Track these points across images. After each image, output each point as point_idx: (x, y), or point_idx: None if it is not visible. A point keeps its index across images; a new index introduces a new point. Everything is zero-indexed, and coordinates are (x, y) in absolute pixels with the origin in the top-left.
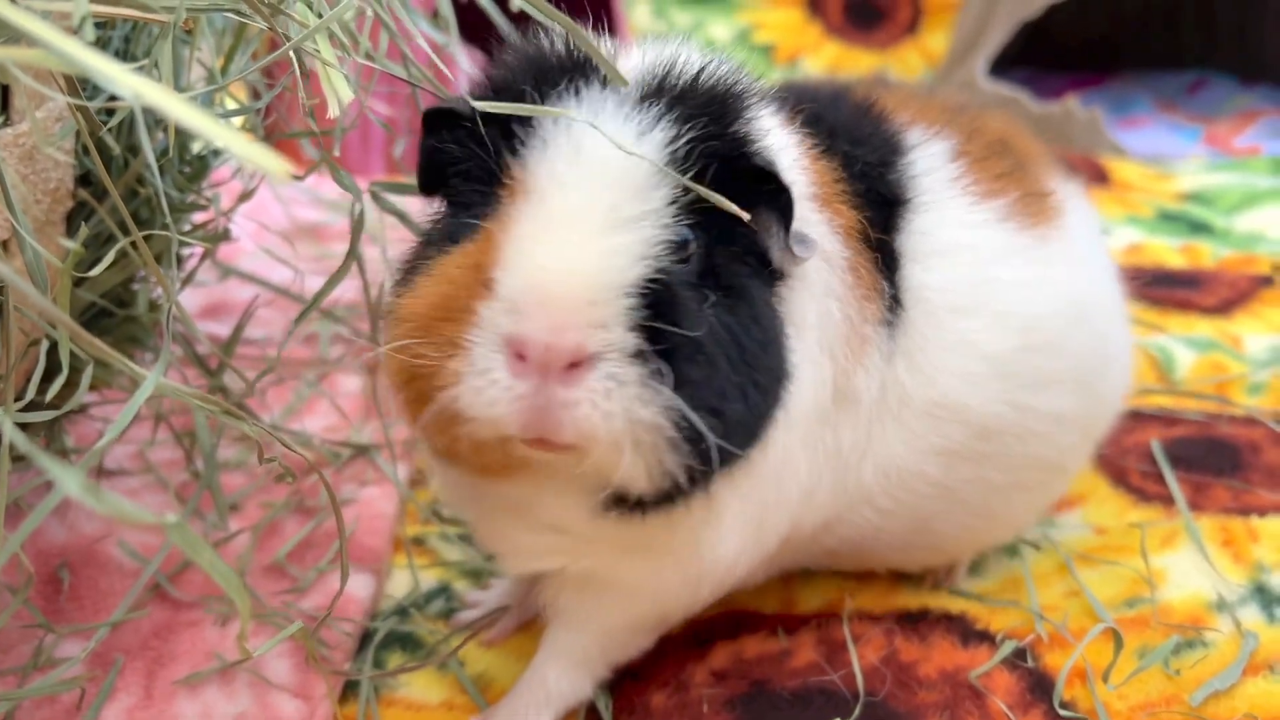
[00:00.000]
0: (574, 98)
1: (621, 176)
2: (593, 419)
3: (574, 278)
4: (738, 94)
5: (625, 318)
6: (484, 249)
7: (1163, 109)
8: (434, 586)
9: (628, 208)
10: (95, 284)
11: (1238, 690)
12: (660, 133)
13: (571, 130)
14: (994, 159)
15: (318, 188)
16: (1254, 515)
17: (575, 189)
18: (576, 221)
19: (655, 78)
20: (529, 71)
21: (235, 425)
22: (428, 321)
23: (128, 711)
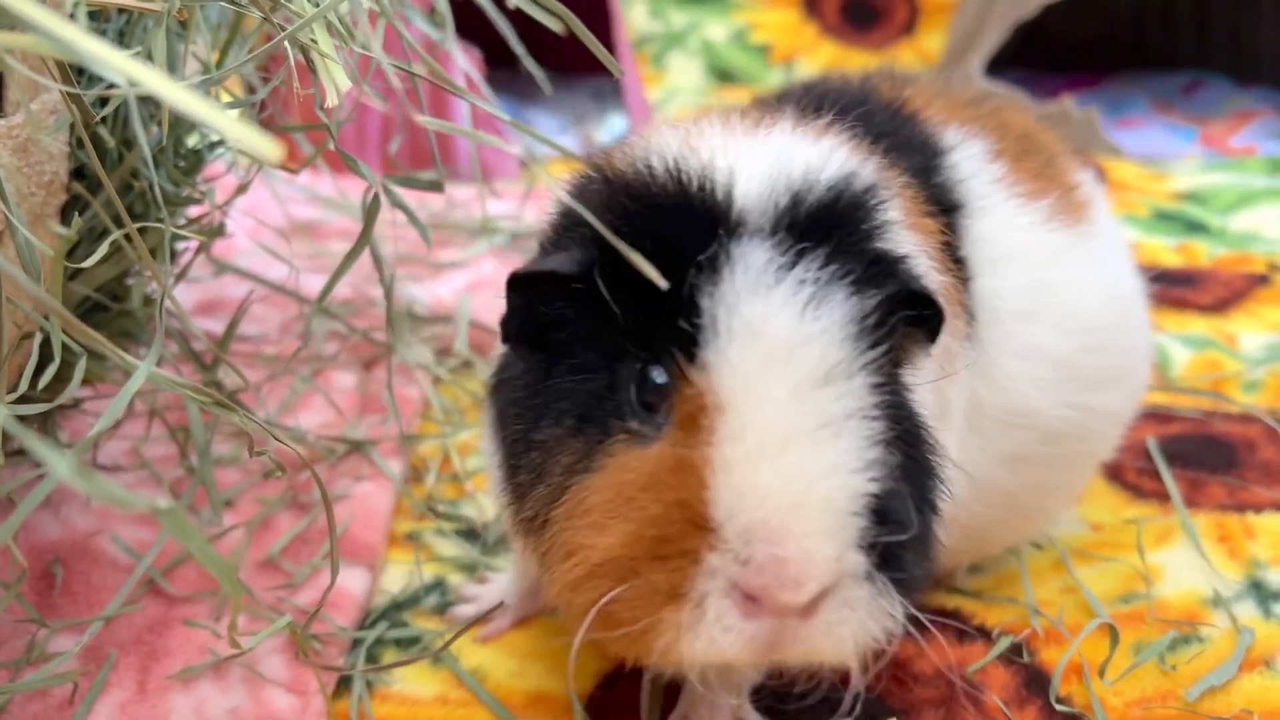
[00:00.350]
0: (726, 262)
1: (815, 363)
2: (825, 648)
3: (807, 514)
4: (876, 204)
5: (859, 539)
6: (683, 480)
7: (1159, 109)
8: (429, 581)
9: (837, 404)
10: (90, 278)
11: (1234, 686)
12: (841, 294)
13: (739, 308)
14: (1027, 156)
15: (314, 185)
16: (1250, 512)
17: (772, 392)
18: (789, 436)
19: (789, 210)
20: (656, 227)
21: (226, 416)
22: (626, 563)
23: (121, 706)
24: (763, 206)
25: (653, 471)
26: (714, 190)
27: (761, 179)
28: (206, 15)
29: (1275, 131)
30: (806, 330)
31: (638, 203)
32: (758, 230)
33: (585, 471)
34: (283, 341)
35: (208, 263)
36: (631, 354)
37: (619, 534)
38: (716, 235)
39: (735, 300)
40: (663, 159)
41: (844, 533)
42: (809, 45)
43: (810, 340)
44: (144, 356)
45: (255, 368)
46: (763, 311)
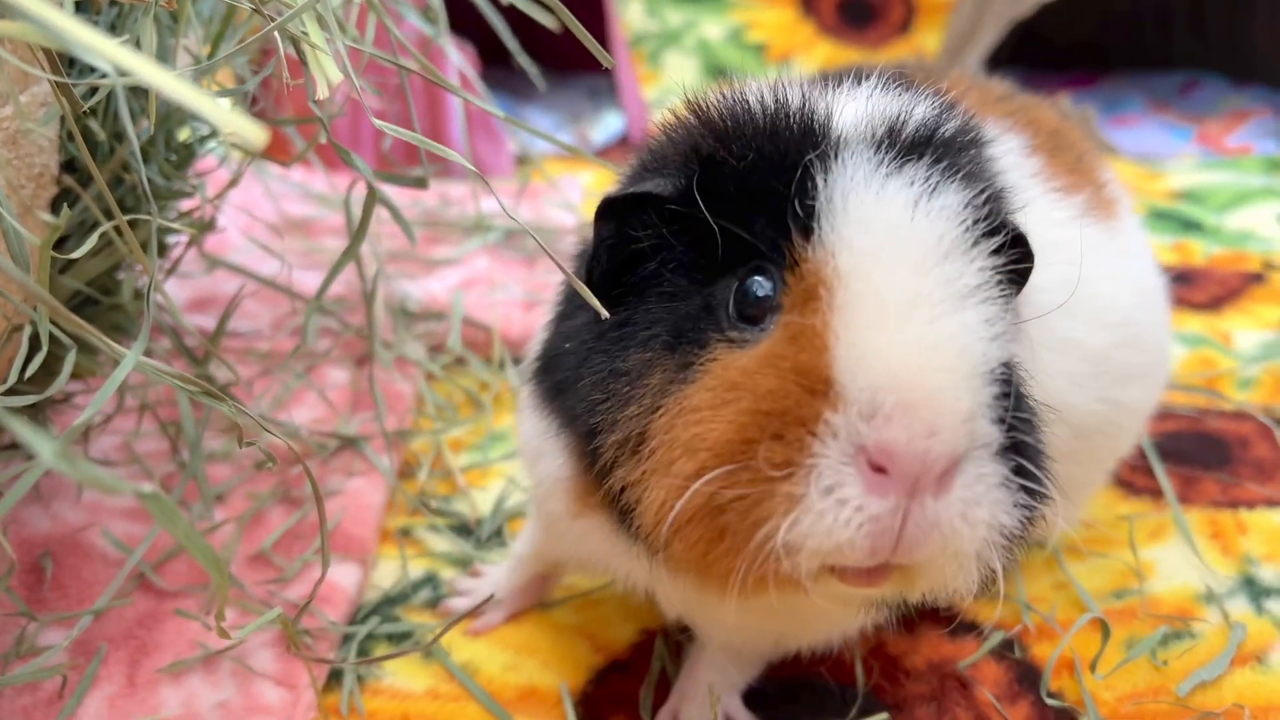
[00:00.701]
0: (835, 163)
1: (934, 241)
2: (960, 535)
3: (940, 368)
4: (972, 140)
5: (992, 408)
6: (803, 347)
7: (1155, 109)
8: (421, 576)
9: (960, 278)
10: (80, 271)
11: (1225, 681)
12: (951, 190)
13: (853, 196)
14: (1061, 152)
15: (307, 182)
16: (1243, 508)
17: (894, 264)
18: (915, 302)
19: (887, 135)
20: (759, 142)
21: (215, 406)
22: (739, 445)
23: (110, 700)
24: (862, 130)
25: (765, 352)
26: (814, 112)
27: (857, 112)
28: (199, 10)
29: (1271, 131)
30: (922, 212)
31: (737, 121)
32: (859, 145)
33: (684, 383)
34: (275, 338)
35: (200, 258)
36: (725, 273)
37: (731, 417)
38: (823, 141)
39: (848, 190)
40: (757, 93)
41: (978, 393)
42: (805, 44)
43: (926, 221)
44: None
45: (248, 363)
46: (876, 198)
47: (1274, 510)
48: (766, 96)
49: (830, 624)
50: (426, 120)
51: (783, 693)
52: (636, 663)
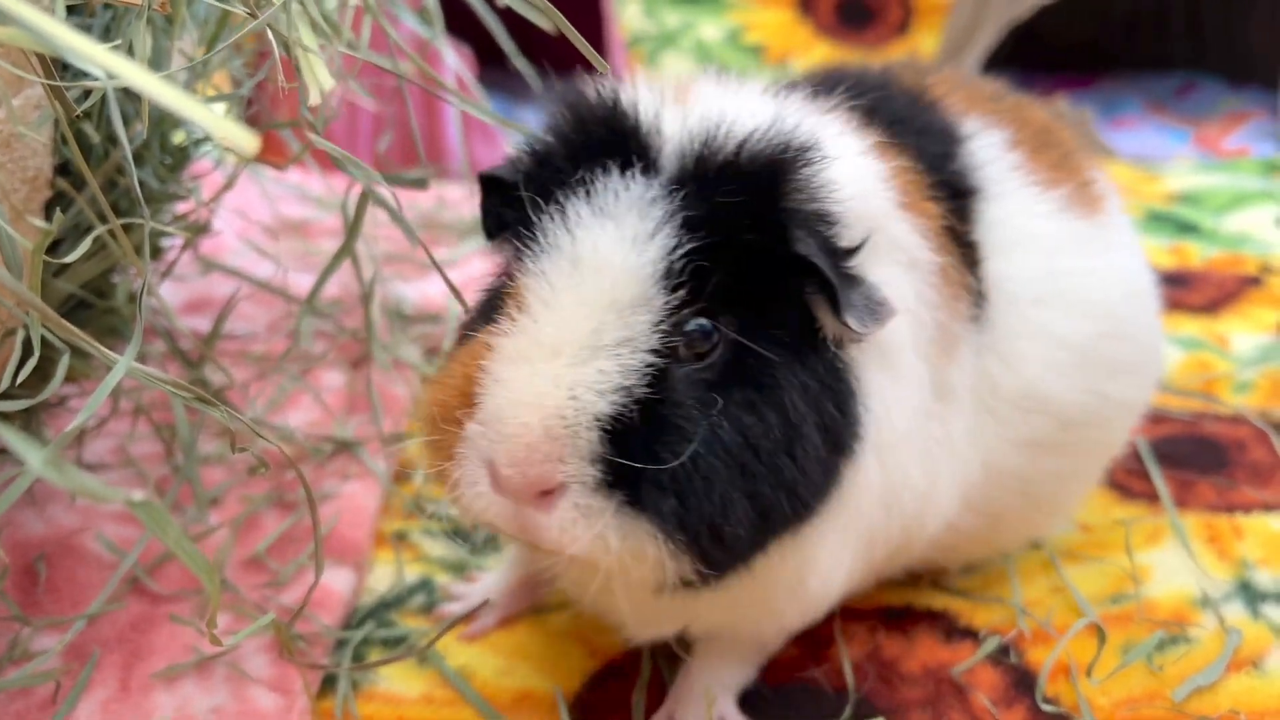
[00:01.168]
0: (588, 187)
1: (617, 292)
2: (565, 541)
3: (536, 412)
4: (788, 164)
5: (587, 452)
6: (475, 358)
7: (1152, 110)
8: (416, 581)
9: (611, 332)
10: (74, 275)
11: (1221, 686)
12: (667, 237)
13: (576, 235)
14: (1046, 148)
15: (304, 184)
16: (1239, 512)
17: (562, 310)
18: (555, 348)
19: (691, 155)
20: (563, 145)
21: (207, 411)
22: (433, 419)
23: (103, 704)
24: (663, 144)
25: (467, 348)
26: (627, 125)
27: (681, 119)
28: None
29: (1268, 133)
30: (619, 260)
31: (564, 121)
32: (646, 160)
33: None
34: (271, 340)
35: (195, 261)
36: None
37: (430, 394)
38: (598, 162)
39: (576, 220)
40: (607, 91)
41: (568, 440)
42: (803, 45)
43: (617, 267)
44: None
45: (243, 366)
46: (585, 235)
47: (1270, 515)
48: (599, 98)
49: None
50: (423, 122)
51: (778, 696)
52: (632, 667)
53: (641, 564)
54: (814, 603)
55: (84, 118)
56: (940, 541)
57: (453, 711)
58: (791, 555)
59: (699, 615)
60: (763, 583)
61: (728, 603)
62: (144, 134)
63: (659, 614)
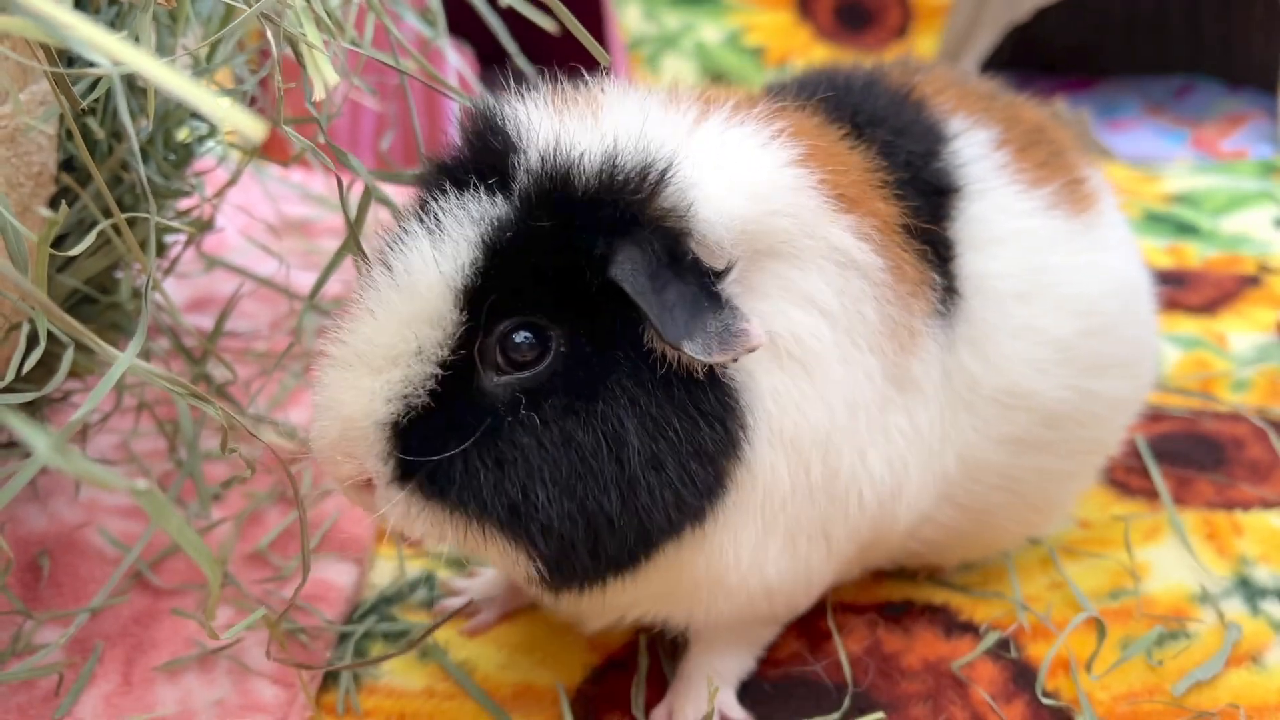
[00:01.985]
0: (425, 203)
1: (416, 306)
2: (392, 520)
3: (336, 416)
4: (623, 184)
5: (382, 450)
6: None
7: (1150, 112)
8: (417, 576)
9: (406, 344)
10: (78, 270)
11: (1220, 681)
12: (476, 253)
13: (398, 250)
14: (1034, 147)
15: (307, 183)
16: (1238, 509)
17: (373, 321)
18: (358, 358)
19: (533, 174)
20: (437, 161)
21: (204, 409)
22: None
23: (106, 698)
24: (524, 162)
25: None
26: (493, 134)
27: (543, 136)
28: (198, 10)
29: (1266, 135)
30: (420, 274)
31: (462, 128)
32: (502, 178)
33: None
34: (274, 338)
35: (199, 258)
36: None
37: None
38: (453, 175)
39: (405, 235)
40: (493, 106)
41: (358, 440)
42: (803, 47)
43: (420, 284)
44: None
45: (246, 364)
46: (404, 250)
47: (1269, 511)
48: (480, 113)
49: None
50: (425, 122)
51: (778, 690)
52: (633, 661)
53: (449, 541)
54: (752, 592)
55: (89, 113)
56: (929, 538)
57: (454, 705)
58: (697, 550)
59: (633, 605)
60: (677, 575)
61: (651, 595)
62: (149, 129)
63: (594, 605)
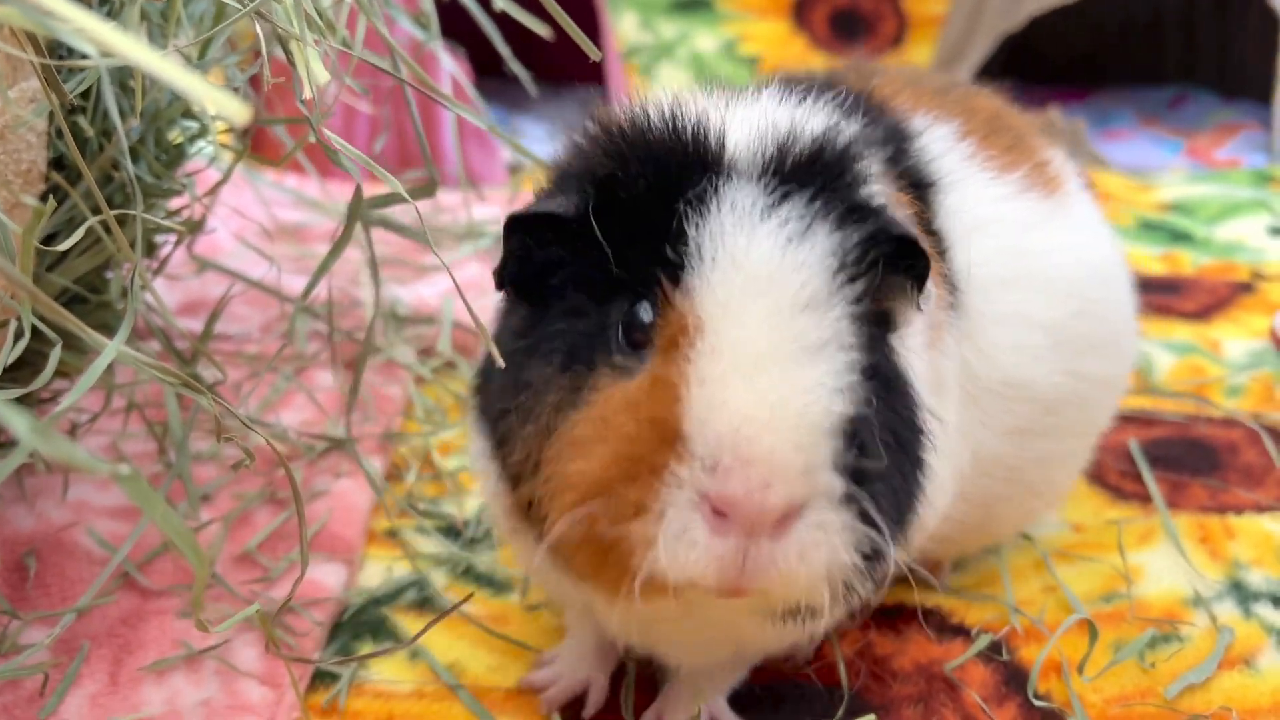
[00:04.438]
0: (715, 199)
1: (795, 291)
2: (797, 572)
3: (778, 425)
4: (857, 157)
5: (832, 460)
6: (659, 397)
7: (1145, 122)
8: (408, 578)
9: (815, 331)
10: (68, 269)
11: (1213, 684)
12: (823, 232)
13: (724, 240)
14: (996, 134)
15: (300, 188)
16: (1231, 514)
17: (752, 316)
18: (766, 356)
19: (776, 158)
20: (650, 169)
21: (195, 398)
22: (605, 485)
23: (92, 698)
24: (751, 154)
25: (630, 395)
26: (707, 135)
27: (750, 129)
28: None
29: (1259, 145)
30: (789, 260)
31: (632, 145)
32: (746, 174)
33: (573, 408)
34: (265, 341)
35: (190, 260)
36: (621, 294)
37: (597, 457)
38: (706, 174)
39: (720, 232)
40: (659, 109)
41: (817, 448)
42: (798, 57)
43: (791, 269)
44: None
45: (237, 366)
46: (746, 242)
47: (1262, 516)
48: (662, 115)
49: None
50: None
51: (769, 695)
52: (622, 666)
53: (833, 585)
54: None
55: (79, 110)
56: (935, 532)
57: (443, 707)
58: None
59: (750, 639)
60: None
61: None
62: (139, 129)
63: (714, 642)
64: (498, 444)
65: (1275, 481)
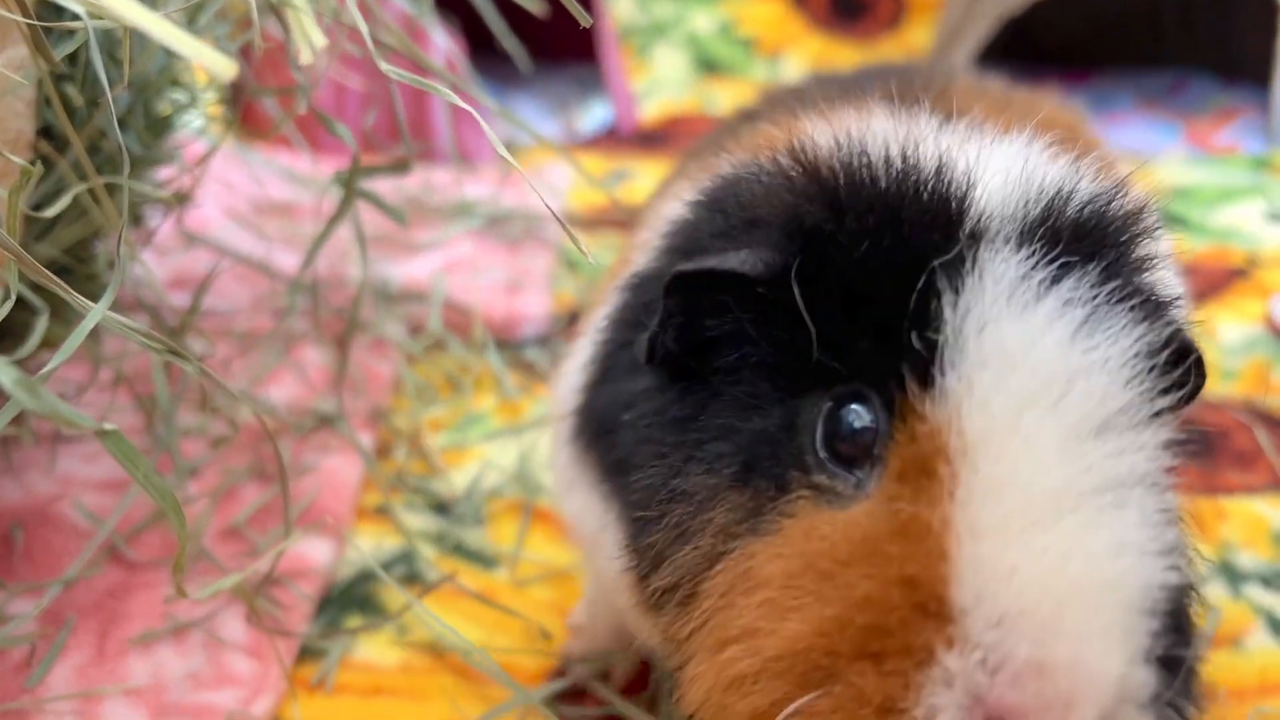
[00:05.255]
0: (974, 270)
1: (1094, 406)
2: None
3: (1088, 610)
4: (1145, 230)
5: (1149, 649)
6: (910, 549)
7: (1143, 106)
8: (396, 553)
9: (1120, 463)
10: (56, 239)
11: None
12: (1123, 322)
13: (992, 328)
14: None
15: (291, 165)
16: (1222, 495)
17: (1041, 443)
18: (1061, 504)
19: (1044, 218)
20: (878, 222)
21: (181, 365)
22: (828, 660)
23: (79, 669)
24: (1011, 212)
25: (861, 539)
26: (952, 184)
27: (1008, 181)
28: None
29: (1258, 130)
30: (1083, 360)
31: (854, 189)
32: (1005, 239)
33: (753, 534)
34: (253, 317)
35: (179, 234)
36: (822, 386)
37: (812, 619)
38: (956, 237)
39: (986, 315)
40: (884, 146)
41: (1134, 637)
42: (796, 38)
43: (1088, 373)
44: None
45: (226, 342)
46: (1025, 332)
47: (1253, 498)
48: (892, 149)
49: None
50: (410, 104)
51: None
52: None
53: None
54: None
55: (66, 78)
56: None
57: (430, 680)
58: None
59: None
60: None
61: None
62: (128, 99)
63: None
64: (633, 555)
65: (1267, 465)
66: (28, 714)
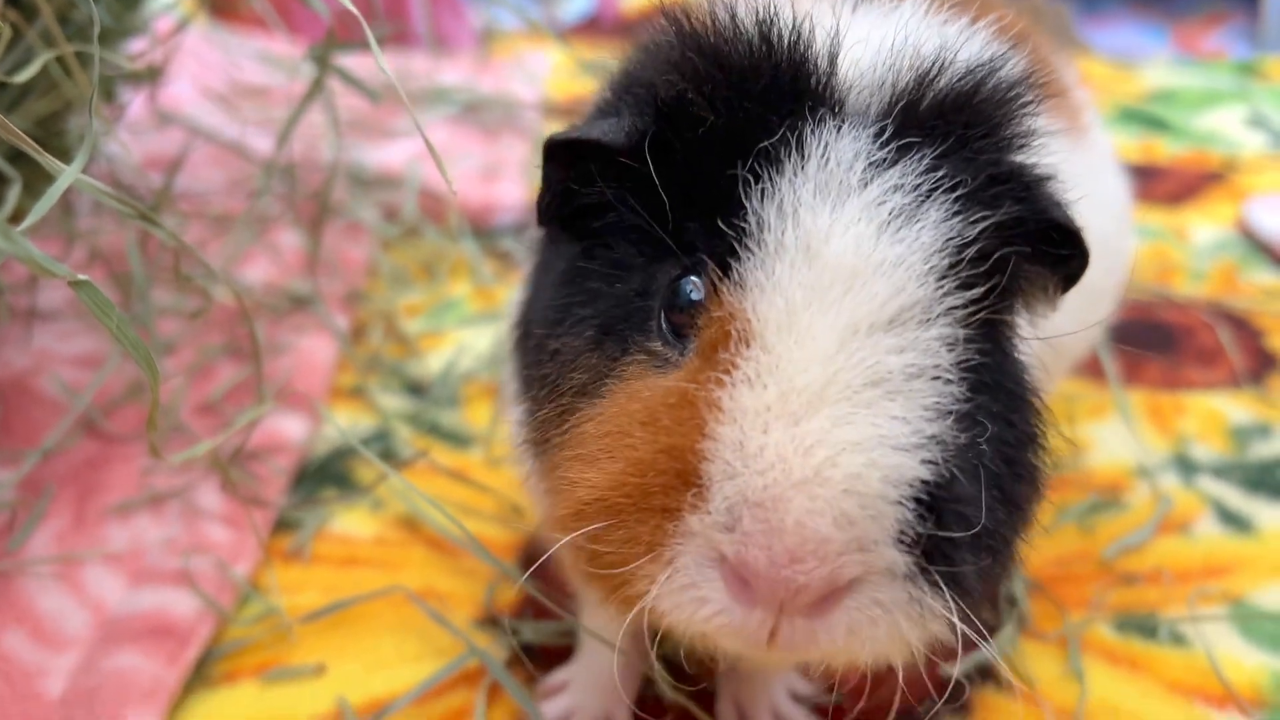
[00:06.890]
0: (803, 151)
1: (882, 300)
2: (843, 649)
3: (821, 490)
4: (1023, 106)
5: (898, 532)
6: (682, 419)
7: (1132, 6)
8: (371, 431)
9: (898, 359)
10: (26, 111)
11: (1149, 548)
12: (940, 211)
13: (800, 215)
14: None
15: (267, 48)
16: (1183, 391)
17: (815, 337)
18: (826, 390)
19: (909, 92)
20: (728, 92)
21: (153, 232)
22: (612, 510)
23: (58, 535)
24: (872, 83)
25: (655, 407)
26: (810, 53)
27: (876, 49)
28: None
29: (1246, 34)
30: (882, 255)
31: (712, 62)
32: (857, 114)
33: (594, 396)
34: (228, 200)
35: (153, 114)
36: (674, 257)
37: (606, 472)
38: (799, 113)
39: (797, 203)
40: (753, 10)
41: (872, 522)
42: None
43: (883, 268)
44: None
45: (201, 223)
46: (829, 224)
47: (1212, 394)
48: (755, 15)
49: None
50: None
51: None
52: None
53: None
54: None
55: None
56: None
57: (403, 552)
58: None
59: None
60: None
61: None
62: None
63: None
64: (525, 408)
65: (1228, 363)
66: (10, 576)
